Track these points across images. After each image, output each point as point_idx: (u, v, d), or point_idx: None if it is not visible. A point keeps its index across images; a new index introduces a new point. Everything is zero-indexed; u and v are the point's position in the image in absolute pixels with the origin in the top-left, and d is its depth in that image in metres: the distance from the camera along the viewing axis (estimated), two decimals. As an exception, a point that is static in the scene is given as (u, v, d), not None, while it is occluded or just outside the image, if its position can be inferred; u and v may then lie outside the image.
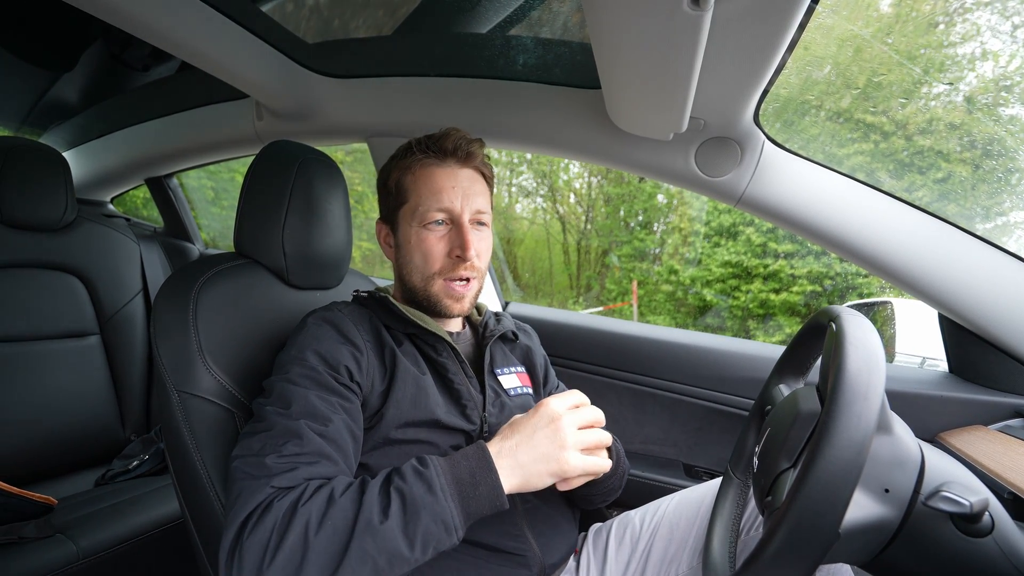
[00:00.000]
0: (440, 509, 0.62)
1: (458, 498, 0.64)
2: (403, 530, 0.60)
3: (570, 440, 0.67)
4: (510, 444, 0.68)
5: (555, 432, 0.67)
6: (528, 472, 0.66)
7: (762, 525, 0.81)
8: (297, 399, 0.72)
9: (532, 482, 0.67)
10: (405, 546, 0.60)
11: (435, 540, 0.62)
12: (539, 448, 0.67)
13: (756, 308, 6.28)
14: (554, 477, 0.67)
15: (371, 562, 0.59)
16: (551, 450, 0.67)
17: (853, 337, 0.55)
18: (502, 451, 0.67)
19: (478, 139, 0.93)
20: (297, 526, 0.59)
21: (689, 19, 0.64)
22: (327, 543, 0.58)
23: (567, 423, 0.68)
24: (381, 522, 0.60)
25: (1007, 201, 1.85)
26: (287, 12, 1.34)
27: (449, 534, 0.63)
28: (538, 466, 0.66)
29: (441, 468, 0.66)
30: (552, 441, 0.67)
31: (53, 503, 1.15)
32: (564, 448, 0.67)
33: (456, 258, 0.88)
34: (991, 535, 0.55)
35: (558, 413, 0.69)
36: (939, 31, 2.40)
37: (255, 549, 0.58)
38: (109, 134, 2.01)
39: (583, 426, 0.70)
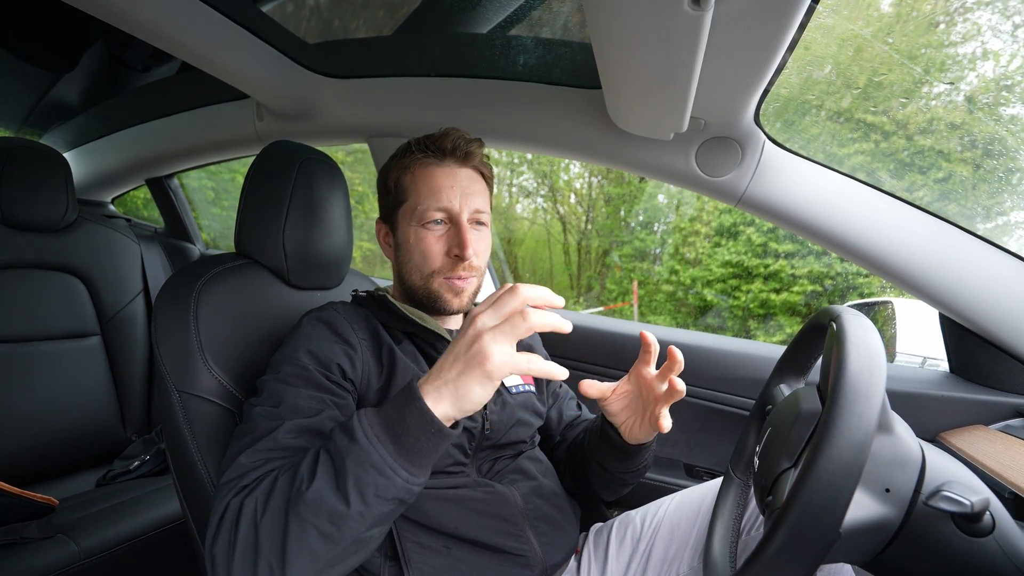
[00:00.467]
0: (363, 453, 0.58)
1: (387, 438, 0.59)
2: (334, 487, 0.58)
3: (487, 336, 0.57)
4: (439, 365, 0.61)
5: (473, 334, 0.58)
6: (457, 386, 0.58)
7: (763, 525, 0.81)
8: (287, 398, 0.72)
9: (463, 396, 0.58)
10: (339, 501, 0.57)
11: (372, 486, 0.58)
12: (460, 357, 0.59)
13: (757, 308, 6.29)
14: (483, 382, 0.58)
15: (312, 528, 0.57)
16: (471, 353, 0.58)
17: (854, 337, 0.55)
18: (428, 377, 0.61)
19: (477, 139, 0.93)
20: (246, 515, 0.60)
21: (690, 19, 0.64)
22: (271, 523, 0.58)
23: (483, 320, 0.58)
24: (309, 486, 0.58)
25: (1008, 201, 1.85)
26: (287, 12, 1.34)
27: (386, 476, 0.58)
28: (464, 377, 0.58)
29: (365, 415, 0.62)
30: (470, 345, 0.58)
31: (54, 503, 1.15)
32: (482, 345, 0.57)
33: (455, 257, 0.88)
34: (992, 535, 0.55)
35: (475, 314, 0.59)
36: (940, 31, 2.40)
37: (221, 549, 0.60)
38: (110, 135, 2.01)
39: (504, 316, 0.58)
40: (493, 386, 0.59)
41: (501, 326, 0.57)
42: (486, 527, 0.81)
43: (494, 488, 0.85)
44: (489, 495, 0.83)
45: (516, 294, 0.57)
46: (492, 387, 0.59)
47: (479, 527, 0.80)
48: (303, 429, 0.70)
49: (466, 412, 0.60)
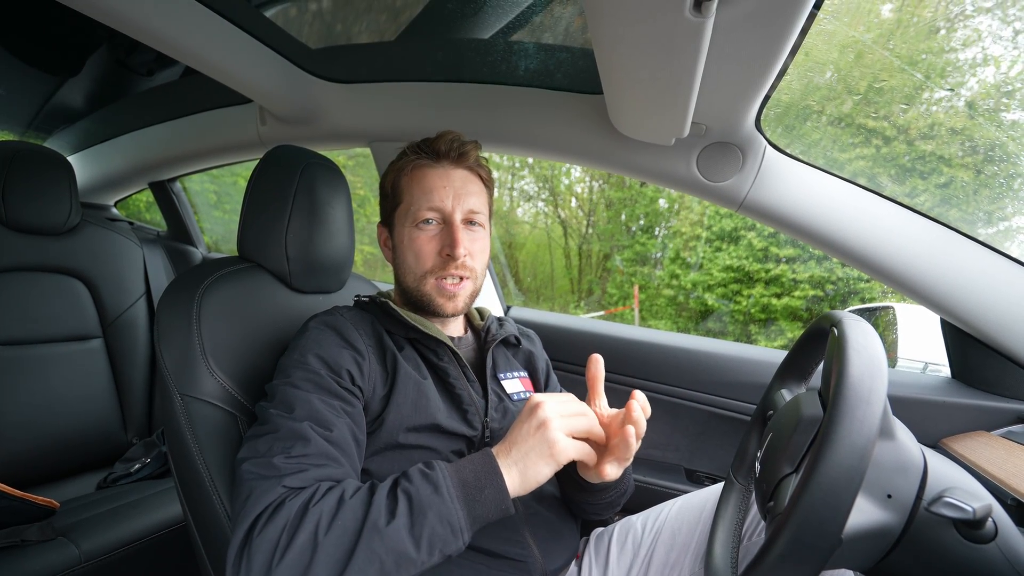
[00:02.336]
0: (446, 510, 0.62)
1: (463, 500, 0.64)
2: (410, 531, 0.61)
3: (554, 423, 0.66)
4: (506, 445, 0.68)
5: (541, 420, 0.67)
6: (524, 466, 0.66)
7: (764, 530, 0.81)
8: (300, 403, 0.72)
9: (530, 475, 0.66)
10: (411, 546, 0.60)
11: (441, 542, 0.62)
12: (529, 439, 0.66)
13: (758, 313, 6.28)
14: (549, 463, 0.66)
15: (378, 562, 0.59)
16: (541, 437, 0.66)
17: (855, 342, 0.55)
18: (500, 452, 0.68)
19: (472, 140, 0.94)
20: (308, 526, 0.60)
21: (691, 25, 0.64)
22: (336, 543, 0.59)
23: (550, 409, 0.67)
24: (388, 523, 0.60)
25: (1009, 206, 1.84)
26: (290, 17, 1.35)
27: (456, 536, 0.62)
28: (531, 457, 0.66)
29: (448, 471, 0.66)
30: (539, 428, 0.66)
31: (55, 506, 1.15)
32: (550, 430, 0.66)
33: (446, 256, 0.88)
34: (994, 541, 0.54)
35: (539, 401, 0.68)
36: (940, 37, 2.40)
37: (265, 547, 0.59)
38: (113, 138, 2.02)
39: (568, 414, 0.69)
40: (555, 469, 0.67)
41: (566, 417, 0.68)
42: (486, 533, 0.80)
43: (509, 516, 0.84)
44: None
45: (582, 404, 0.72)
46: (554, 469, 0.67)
47: (479, 533, 0.79)
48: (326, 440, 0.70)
49: (528, 490, 0.67)
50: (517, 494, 0.66)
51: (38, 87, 1.80)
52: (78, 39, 1.53)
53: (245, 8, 1.18)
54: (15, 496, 1.09)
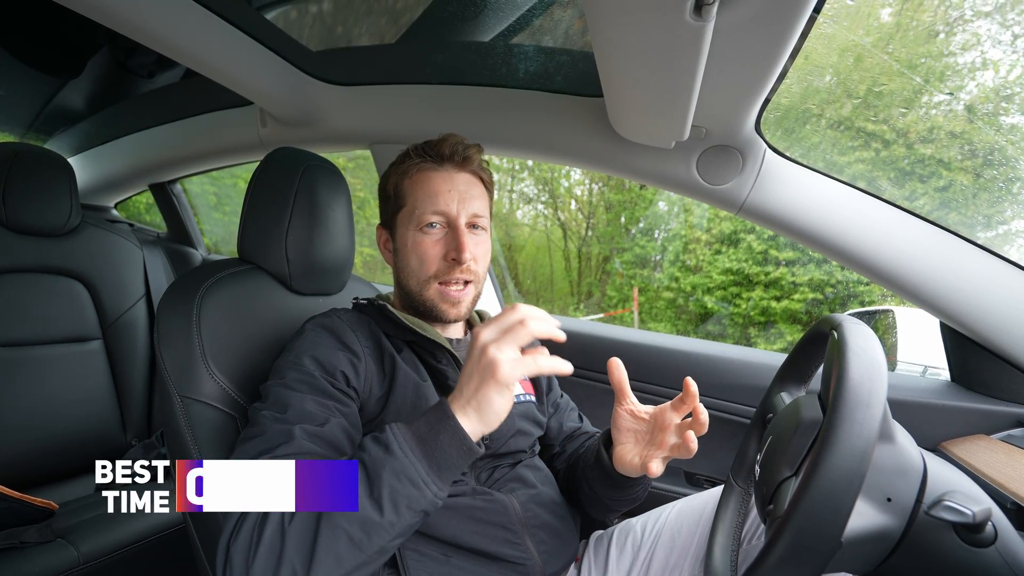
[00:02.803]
0: (400, 465, 0.61)
1: (420, 453, 0.63)
2: (369, 495, 0.60)
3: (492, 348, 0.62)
4: (458, 389, 0.66)
5: (479, 349, 0.63)
6: (478, 402, 0.63)
7: (764, 534, 0.81)
8: (293, 404, 0.72)
9: (486, 409, 0.63)
10: (373, 510, 0.60)
11: (405, 497, 0.61)
12: (472, 375, 0.64)
13: (757, 315, 6.28)
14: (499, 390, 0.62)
15: (344, 535, 0.59)
16: (482, 366, 0.63)
17: (855, 345, 0.55)
18: (453, 397, 0.65)
19: (475, 144, 0.93)
20: (273, 519, 0.60)
21: (691, 29, 0.64)
22: (301, 528, 0.60)
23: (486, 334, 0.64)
24: None
25: (1008, 210, 1.85)
26: (290, 20, 1.35)
27: (419, 489, 0.61)
28: (482, 390, 0.63)
29: (398, 429, 0.65)
30: (479, 359, 0.63)
31: (54, 508, 1.15)
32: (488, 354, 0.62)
33: (451, 261, 0.88)
34: (994, 545, 0.55)
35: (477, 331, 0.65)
36: (939, 41, 2.41)
37: (240, 549, 0.60)
38: (114, 140, 2.02)
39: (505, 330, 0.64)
40: (510, 393, 0.64)
41: (504, 336, 0.63)
42: (485, 535, 0.80)
43: (493, 496, 0.84)
44: (488, 503, 0.83)
45: (516, 309, 0.65)
46: (509, 395, 0.64)
47: (478, 535, 0.80)
48: (314, 436, 0.70)
49: (491, 425, 0.64)
50: (481, 434, 0.64)
51: (39, 89, 1.80)
52: (79, 41, 1.53)
53: (246, 10, 1.19)
54: (14, 498, 1.09)
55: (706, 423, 0.76)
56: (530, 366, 0.63)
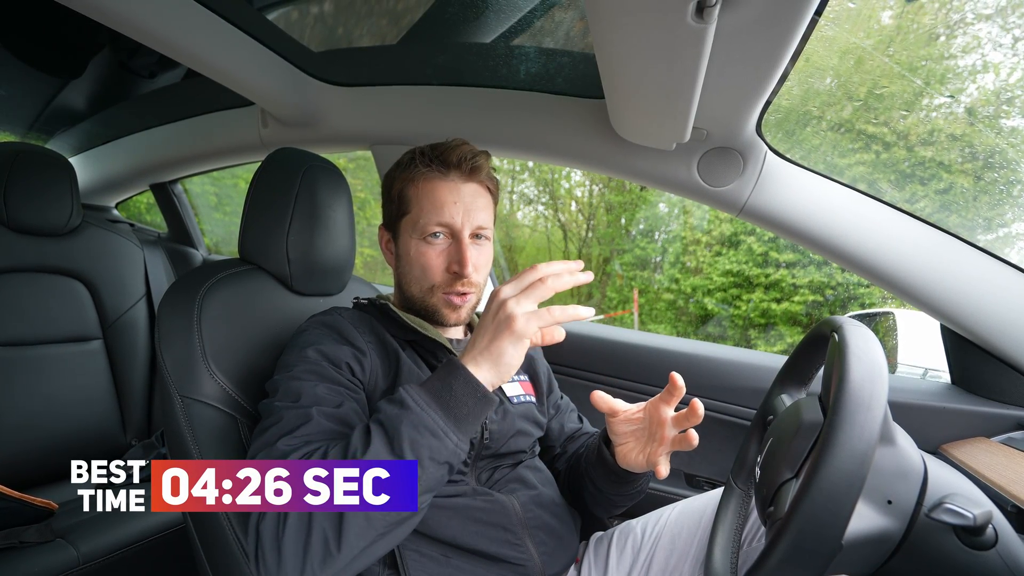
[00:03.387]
0: (416, 417, 0.62)
1: (436, 404, 0.63)
2: (390, 450, 0.61)
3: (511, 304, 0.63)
4: (470, 343, 0.67)
5: (498, 304, 0.65)
6: (491, 351, 0.64)
7: (764, 536, 0.81)
8: (306, 391, 0.73)
9: (498, 358, 0.64)
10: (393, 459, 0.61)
11: (427, 448, 0.62)
12: (489, 328, 0.65)
13: (757, 317, 6.28)
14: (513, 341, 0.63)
15: None
16: (499, 319, 0.64)
17: (855, 348, 0.55)
18: (464, 353, 0.66)
19: (484, 152, 0.92)
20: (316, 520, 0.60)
21: (693, 31, 0.64)
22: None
23: (505, 291, 0.65)
24: (365, 451, 0.61)
25: (1009, 212, 1.85)
26: (292, 20, 1.36)
27: (439, 438, 0.62)
28: (496, 342, 0.64)
29: (412, 388, 0.66)
30: (496, 312, 0.64)
31: (54, 507, 1.15)
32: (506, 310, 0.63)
33: (454, 274, 0.88)
34: (994, 548, 0.55)
35: (497, 289, 0.66)
36: (940, 43, 2.41)
37: (269, 527, 0.60)
38: (115, 140, 2.03)
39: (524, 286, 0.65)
40: (524, 345, 0.64)
41: (524, 291, 0.64)
42: (485, 536, 0.80)
43: (493, 497, 0.84)
44: (488, 504, 0.83)
45: (536, 268, 0.66)
46: (523, 346, 0.64)
47: (478, 536, 0.80)
48: (331, 416, 0.71)
49: (503, 377, 0.65)
50: (495, 384, 0.65)
51: (40, 89, 1.81)
52: (81, 41, 1.53)
53: (247, 11, 1.19)
54: (14, 497, 1.09)
55: (701, 413, 0.78)
56: (546, 317, 0.63)
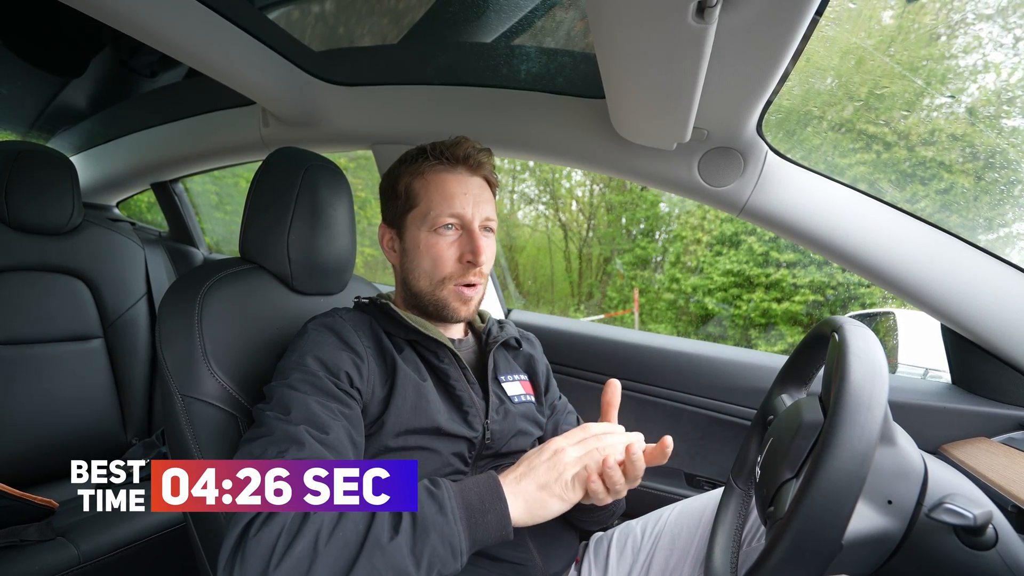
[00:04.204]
0: (449, 531, 0.62)
1: (466, 522, 0.64)
2: (412, 549, 0.60)
3: (570, 468, 0.68)
4: (516, 475, 0.69)
5: (556, 462, 0.68)
6: (531, 501, 0.67)
7: (764, 536, 0.81)
8: (297, 405, 0.72)
9: (536, 511, 0.67)
10: (412, 565, 0.60)
11: (440, 563, 0.61)
12: (540, 477, 0.68)
13: (758, 317, 6.28)
14: (558, 503, 0.67)
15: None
16: (551, 477, 0.67)
17: (856, 348, 0.55)
18: (508, 481, 0.68)
19: (487, 148, 0.94)
20: (307, 534, 0.59)
21: (694, 31, 0.64)
22: (337, 555, 0.58)
23: (569, 452, 0.69)
24: (391, 539, 0.60)
25: (1009, 212, 1.85)
26: (293, 20, 1.36)
27: (455, 558, 0.62)
28: (541, 494, 0.67)
29: (453, 491, 0.66)
30: (551, 469, 0.68)
31: (54, 506, 1.15)
32: (563, 474, 0.67)
33: (467, 263, 0.88)
34: (995, 548, 0.55)
35: (560, 445, 0.70)
36: (941, 43, 2.41)
37: (261, 550, 0.58)
38: (116, 139, 2.03)
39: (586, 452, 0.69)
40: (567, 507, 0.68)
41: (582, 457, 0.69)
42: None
43: None
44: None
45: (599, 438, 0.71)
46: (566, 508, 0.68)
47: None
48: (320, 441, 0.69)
49: (535, 523, 0.68)
50: (520, 524, 0.66)
51: (42, 88, 1.81)
52: (82, 40, 1.53)
53: (248, 10, 1.19)
54: (14, 496, 1.09)
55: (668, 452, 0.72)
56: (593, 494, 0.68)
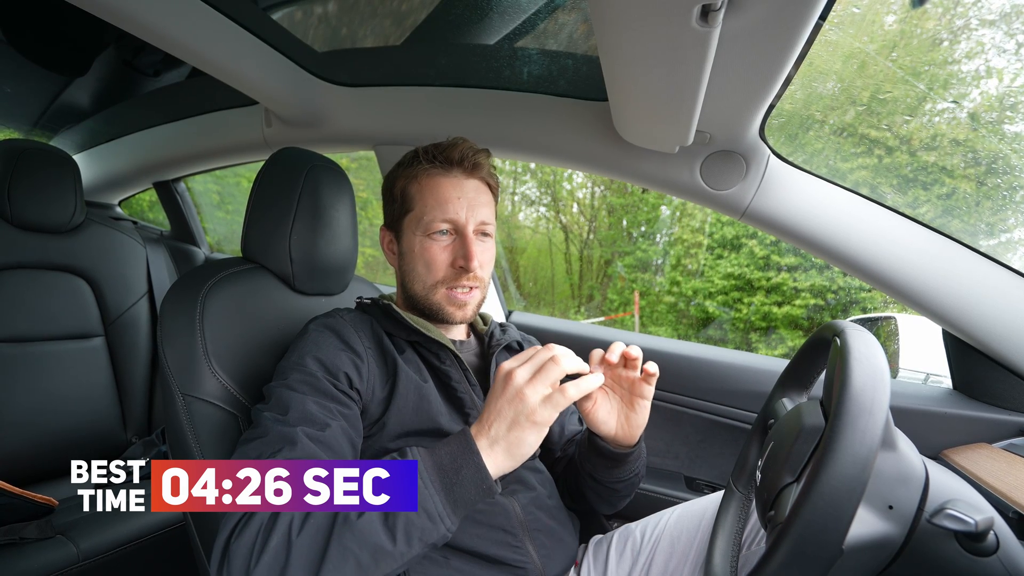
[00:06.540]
0: (420, 497, 0.60)
1: (440, 484, 0.62)
2: (383, 522, 0.59)
3: (528, 392, 0.62)
4: (485, 422, 0.65)
5: (514, 392, 0.63)
6: (508, 443, 0.63)
7: (764, 540, 0.81)
8: (295, 405, 0.72)
9: (515, 450, 0.63)
10: (386, 538, 0.59)
11: (419, 529, 0.60)
12: (505, 413, 0.63)
13: (758, 321, 6.27)
14: (533, 430, 0.63)
15: (352, 558, 0.58)
16: (520, 412, 0.62)
17: (858, 352, 0.55)
18: (479, 431, 0.65)
19: (484, 149, 0.93)
20: (280, 527, 0.59)
21: (697, 35, 0.65)
22: (309, 542, 0.58)
23: (520, 376, 0.64)
24: (359, 516, 0.59)
25: (1011, 218, 1.84)
26: (296, 20, 1.36)
27: (435, 522, 0.60)
28: (515, 432, 0.63)
29: (422, 454, 0.64)
30: (512, 401, 0.63)
31: (54, 504, 1.15)
32: (524, 400, 0.62)
33: (459, 268, 0.88)
34: (996, 554, 0.54)
35: (509, 367, 0.65)
36: (943, 48, 2.41)
37: (242, 552, 0.58)
38: (119, 138, 2.03)
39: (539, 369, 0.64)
40: (543, 433, 0.64)
41: (537, 375, 0.63)
42: (485, 538, 0.80)
43: (493, 498, 0.84)
44: (488, 506, 0.83)
45: (549, 348, 0.66)
46: (542, 434, 0.64)
47: (478, 538, 0.80)
48: (316, 440, 0.69)
49: (516, 465, 0.64)
50: (505, 471, 0.64)
51: (45, 86, 1.81)
52: (86, 39, 1.54)
53: (252, 10, 1.19)
54: (14, 493, 1.09)
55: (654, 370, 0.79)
56: (561, 402, 0.63)
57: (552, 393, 0.63)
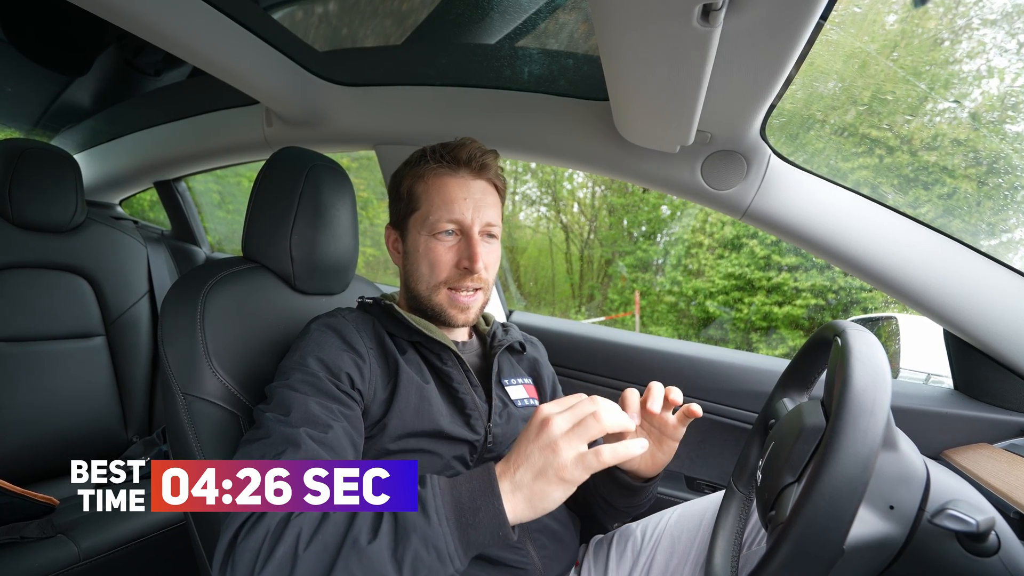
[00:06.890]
0: (432, 533, 0.57)
1: (455, 523, 0.58)
2: (392, 553, 0.57)
3: (563, 444, 0.58)
4: (510, 464, 0.61)
5: (548, 440, 0.59)
6: (532, 491, 0.59)
7: (765, 540, 0.80)
8: (297, 406, 0.71)
9: (537, 503, 0.59)
10: (393, 570, 0.56)
11: (426, 567, 0.57)
12: (534, 461, 0.59)
13: (759, 320, 6.27)
14: (561, 486, 0.58)
15: None
16: (547, 460, 0.58)
17: (859, 352, 0.55)
18: (504, 472, 0.61)
19: (492, 150, 0.93)
20: (288, 538, 0.58)
21: (698, 35, 0.64)
22: (315, 559, 0.56)
23: (557, 425, 0.59)
24: (369, 542, 0.57)
25: (1012, 218, 1.84)
26: (297, 20, 1.36)
27: (443, 563, 0.57)
28: (541, 481, 0.58)
29: (440, 488, 0.61)
30: (544, 450, 0.59)
31: (55, 503, 1.15)
32: (557, 453, 0.58)
33: (464, 269, 0.88)
34: (997, 555, 0.54)
35: (547, 415, 0.61)
36: (944, 48, 2.41)
37: (248, 555, 0.57)
38: (120, 137, 2.03)
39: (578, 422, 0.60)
40: (570, 490, 0.59)
41: (576, 428, 0.59)
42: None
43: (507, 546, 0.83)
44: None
45: (593, 400, 0.62)
46: (569, 491, 0.59)
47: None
48: (318, 441, 0.69)
49: (534, 516, 0.60)
50: (523, 520, 0.60)
51: (46, 86, 1.82)
52: (87, 39, 1.54)
53: (253, 10, 1.19)
54: (15, 493, 1.09)
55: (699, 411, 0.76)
56: (594, 465, 0.58)
57: (586, 453, 0.58)
